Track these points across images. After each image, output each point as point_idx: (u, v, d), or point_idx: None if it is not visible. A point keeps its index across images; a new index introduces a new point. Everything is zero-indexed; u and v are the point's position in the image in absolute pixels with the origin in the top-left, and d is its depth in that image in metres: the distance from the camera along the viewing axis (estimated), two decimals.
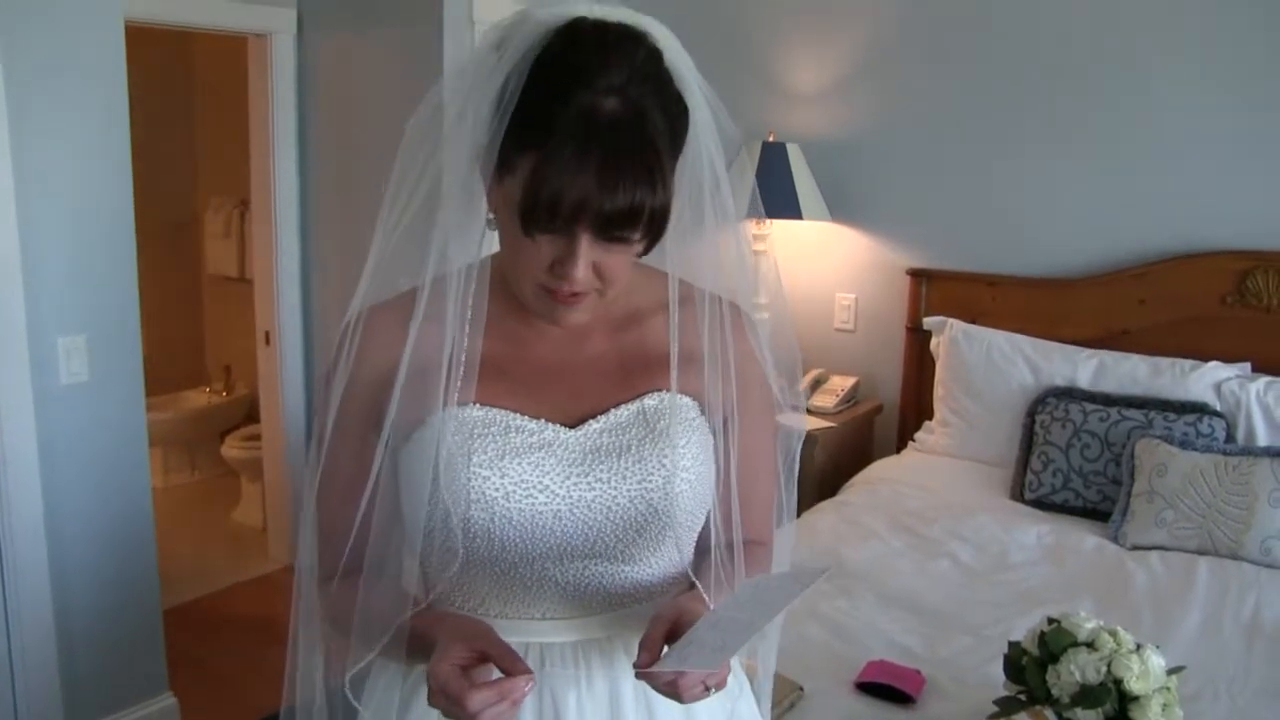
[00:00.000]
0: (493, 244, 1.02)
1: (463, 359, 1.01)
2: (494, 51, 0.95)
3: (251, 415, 4.54)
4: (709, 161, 1.01)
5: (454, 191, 0.98)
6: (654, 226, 0.95)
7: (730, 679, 1.18)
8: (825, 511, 2.85)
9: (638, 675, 0.96)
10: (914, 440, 3.33)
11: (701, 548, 1.12)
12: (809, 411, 3.36)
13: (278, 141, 3.66)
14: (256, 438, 4.17)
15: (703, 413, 1.09)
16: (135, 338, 2.69)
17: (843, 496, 3.00)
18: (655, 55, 0.95)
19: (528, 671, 0.93)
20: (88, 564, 2.63)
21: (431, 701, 0.94)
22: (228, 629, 3.56)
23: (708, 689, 0.97)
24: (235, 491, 4.59)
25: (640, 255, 0.99)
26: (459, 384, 1.01)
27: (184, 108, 5.05)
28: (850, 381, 3.48)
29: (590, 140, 0.89)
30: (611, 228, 0.93)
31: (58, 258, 2.49)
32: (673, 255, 1.04)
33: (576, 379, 1.09)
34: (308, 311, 3.83)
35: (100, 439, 2.63)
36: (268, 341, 3.84)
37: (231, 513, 4.55)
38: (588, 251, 0.94)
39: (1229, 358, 2.89)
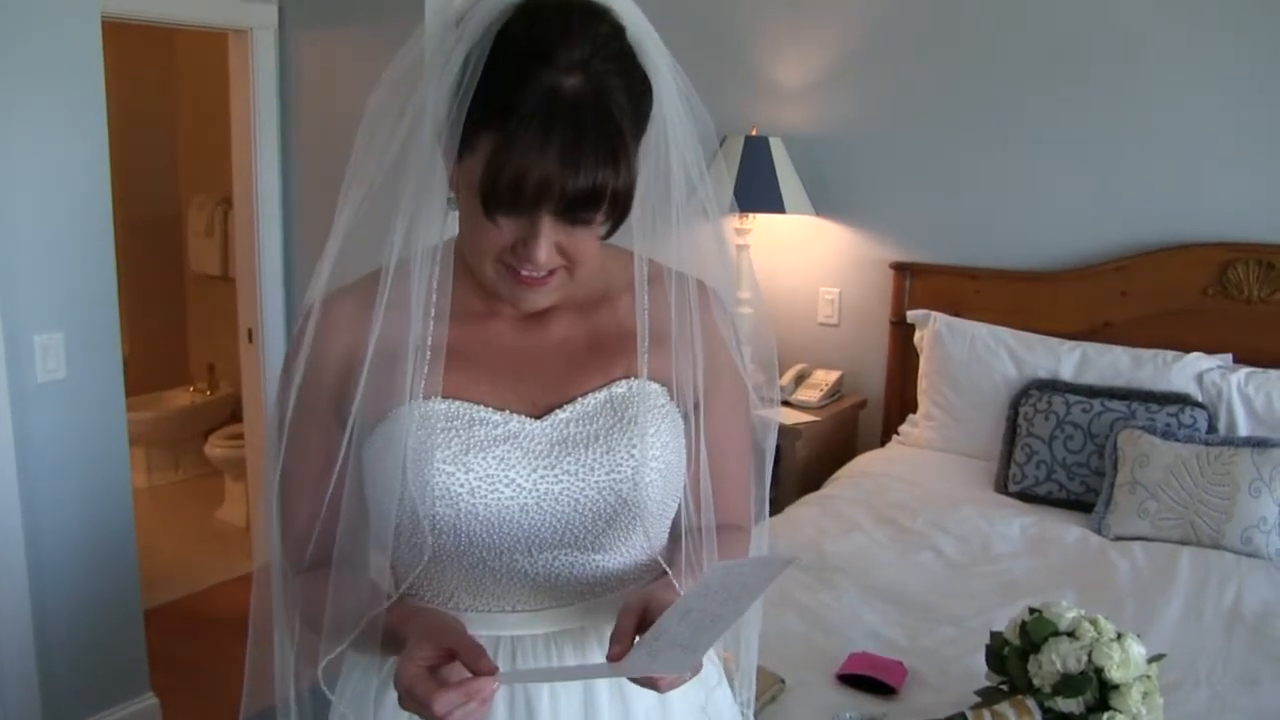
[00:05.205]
0: (454, 226, 1.00)
1: (428, 350, 0.99)
2: (454, 27, 0.93)
3: (236, 414, 4.52)
4: (675, 139, 0.99)
5: (417, 171, 0.97)
6: (617, 207, 0.94)
7: (708, 666, 1.17)
8: (809, 504, 2.85)
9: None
10: (898, 434, 3.33)
11: (675, 533, 1.10)
12: (793, 406, 3.36)
13: (259, 138, 3.63)
14: (240, 436, 4.14)
15: (672, 398, 1.07)
16: (114, 335, 2.66)
17: (826, 490, 2.99)
18: (618, 31, 0.94)
19: (492, 670, 0.90)
20: (67, 564, 2.61)
21: (402, 704, 0.92)
22: (210, 629, 3.53)
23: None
24: (219, 491, 4.56)
25: (604, 237, 0.98)
26: (423, 376, 0.99)
27: (167, 105, 5.02)
28: (834, 376, 3.48)
29: (552, 121, 0.88)
30: (574, 209, 0.92)
31: (34, 254, 2.46)
32: (648, 246, 1.02)
33: (543, 364, 1.07)
34: (290, 309, 3.79)
35: (79, 437, 2.61)
36: (250, 339, 3.81)
37: (215, 512, 4.53)
38: (550, 233, 0.93)
39: (1210, 349, 2.90)
